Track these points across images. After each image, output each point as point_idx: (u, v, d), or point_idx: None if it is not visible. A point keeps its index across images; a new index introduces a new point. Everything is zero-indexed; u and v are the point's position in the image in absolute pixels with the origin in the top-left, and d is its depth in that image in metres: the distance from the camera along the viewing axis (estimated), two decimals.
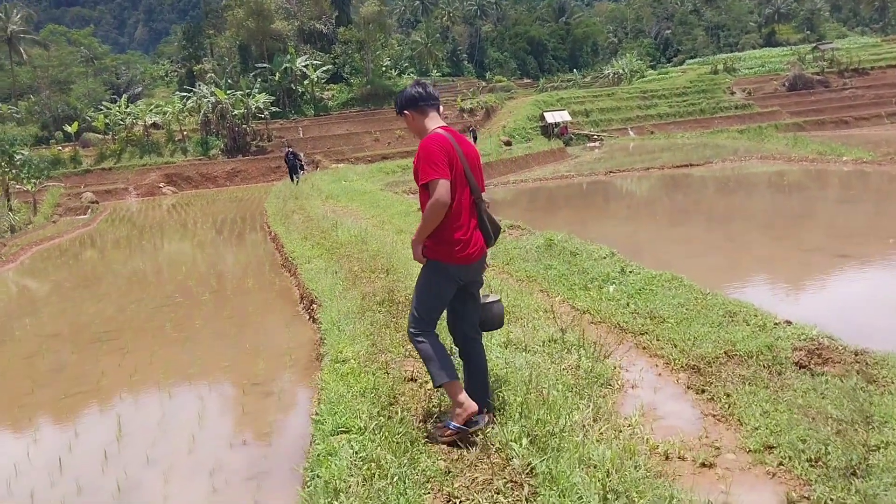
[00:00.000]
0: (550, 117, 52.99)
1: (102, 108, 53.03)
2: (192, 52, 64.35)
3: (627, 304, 7.14)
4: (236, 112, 50.08)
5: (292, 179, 30.07)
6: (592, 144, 50.24)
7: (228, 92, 51.37)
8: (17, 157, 28.78)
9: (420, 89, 4.34)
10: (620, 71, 72.51)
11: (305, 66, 56.41)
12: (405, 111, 4.36)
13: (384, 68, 61.96)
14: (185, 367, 7.48)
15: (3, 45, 62.44)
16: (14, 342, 9.49)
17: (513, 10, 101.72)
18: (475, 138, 47.55)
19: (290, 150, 33.47)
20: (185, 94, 54.83)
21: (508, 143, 46.53)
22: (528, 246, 10.38)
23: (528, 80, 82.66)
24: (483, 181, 4.38)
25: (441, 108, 4.42)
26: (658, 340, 6.18)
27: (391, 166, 38.13)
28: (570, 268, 8.79)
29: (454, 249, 4.15)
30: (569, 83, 76.61)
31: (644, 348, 6.16)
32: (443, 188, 3.98)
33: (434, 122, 4.32)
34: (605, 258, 8.98)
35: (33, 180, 35.10)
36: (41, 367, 8.11)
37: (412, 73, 69.90)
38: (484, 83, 73.42)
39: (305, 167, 34.25)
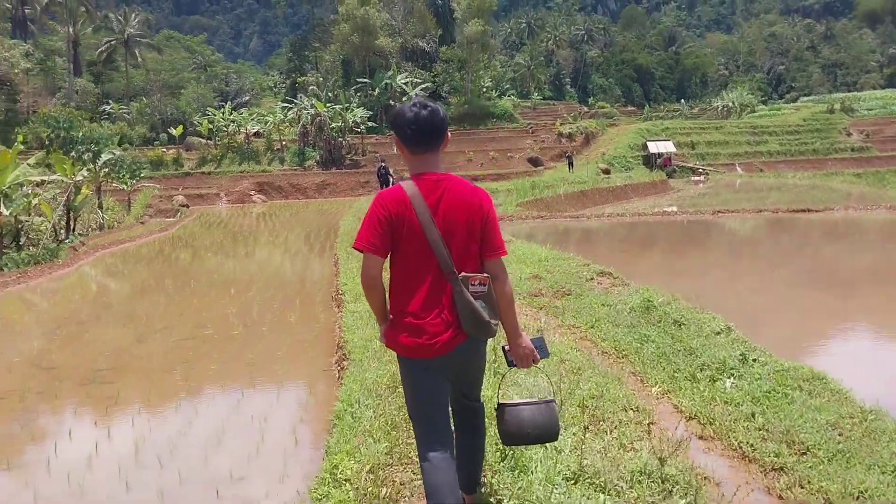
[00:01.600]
0: (654, 147, 50.36)
1: (208, 113, 53.42)
2: (297, 64, 64.44)
3: (752, 415, 5.04)
4: (334, 125, 49.54)
5: None
6: (697, 178, 47.47)
7: (328, 105, 50.88)
8: (106, 155, 28.28)
9: (423, 116, 3.11)
10: (730, 104, 68.89)
11: (405, 84, 55.51)
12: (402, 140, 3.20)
13: (484, 89, 60.46)
14: (166, 439, 5.81)
15: (120, 47, 64.00)
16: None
17: (621, 36, 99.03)
18: (571, 165, 45.42)
19: (384, 164, 32.56)
20: (286, 104, 54.77)
21: (607, 172, 44.22)
22: (620, 304, 8.35)
23: (633, 108, 79.75)
24: (480, 248, 3.17)
25: (441, 140, 3.17)
26: (802, 487, 4.10)
27: None
28: (674, 344, 6.71)
29: (400, 337, 3.13)
30: (675, 113, 73.40)
31: (781, 498, 4.10)
32: (366, 264, 3.09)
33: (428, 165, 3.16)
34: (718, 334, 6.86)
35: (129, 180, 35.03)
36: (7, 415, 6.60)
37: (513, 94, 68.25)
38: (586, 108, 71.03)
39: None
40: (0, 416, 6.55)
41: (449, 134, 3.23)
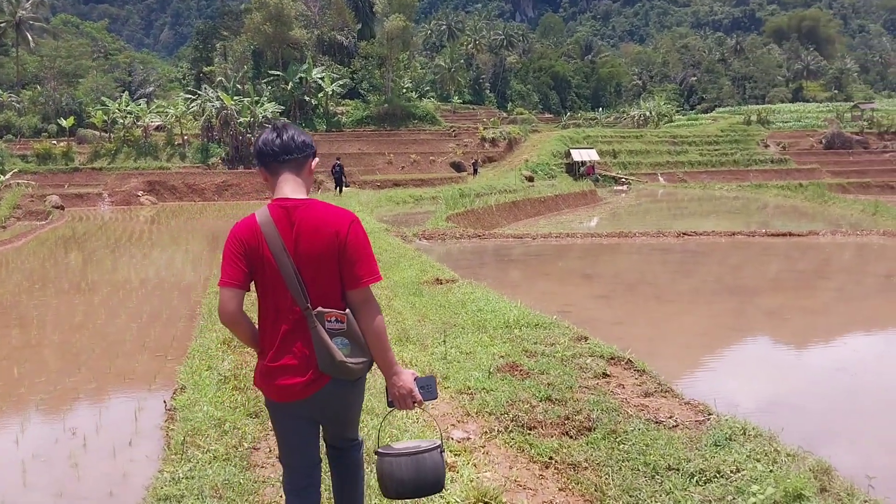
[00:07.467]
0: (577, 155, 47.09)
1: (105, 103, 46.73)
2: (204, 53, 58.09)
3: None
4: (242, 119, 43.84)
5: (338, 192, 30.57)
6: (619, 188, 44.57)
7: (236, 98, 45.09)
8: None
9: (271, 138, 2.71)
10: (647, 113, 66.22)
11: (321, 78, 50.11)
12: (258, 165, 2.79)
13: (405, 89, 55.56)
14: None
15: (11, 30, 56.18)
16: None
17: (539, 43, 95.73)
18: (475, 171, 42.38)
19: (339, 162, 33.04)
20: (189, 96, 48.62)
21: (531, 179, 40.50)
22: (725, 484, 3.76)
23: (550, 115, 76.55)
24: (345, 278, 2.63)
25: (310, 162, 2.76)
26: None
27: (402, 195, 31.77)
28: None
29: (263, 380, 2.70)
30: (592, 122, 70.46)
31: None
32: (221, 299, 2.62)
33: (283, 189, 2.68)
34: None
35: None
36: None
37: (432, 96, 63.65)
38: (505, 114, 67.20)
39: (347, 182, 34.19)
40: None
41: (316, 160, 2.84)
